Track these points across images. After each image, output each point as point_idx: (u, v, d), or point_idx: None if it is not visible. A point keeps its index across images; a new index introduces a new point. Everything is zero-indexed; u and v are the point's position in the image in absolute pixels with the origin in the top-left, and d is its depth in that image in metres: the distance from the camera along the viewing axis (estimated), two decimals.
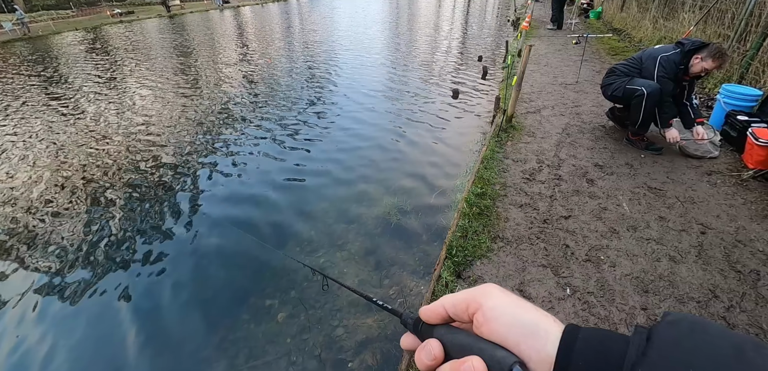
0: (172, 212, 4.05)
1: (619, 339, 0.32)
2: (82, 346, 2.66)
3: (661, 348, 0.29)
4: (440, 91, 7.59)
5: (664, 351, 0.29)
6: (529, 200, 3.17)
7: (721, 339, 0.29)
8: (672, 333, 0.30)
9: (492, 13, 22.12)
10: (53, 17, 24.11)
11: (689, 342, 0.29)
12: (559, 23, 11.41)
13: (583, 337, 0.33)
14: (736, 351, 0.28)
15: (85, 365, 2.56)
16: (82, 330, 2.77)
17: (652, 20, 8.81)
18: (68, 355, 2.61)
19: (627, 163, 3.63)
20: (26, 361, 2.59)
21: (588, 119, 4.74)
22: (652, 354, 0.29)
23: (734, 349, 0.28)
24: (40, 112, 7.52)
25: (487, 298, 0.38)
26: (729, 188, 3.18)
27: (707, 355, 0.28)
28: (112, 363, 2.55)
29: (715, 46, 3.29)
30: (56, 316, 2.90)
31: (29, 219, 4.01)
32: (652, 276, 2.34)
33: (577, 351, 0.32)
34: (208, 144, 5.63)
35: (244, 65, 10.76)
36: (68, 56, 13.32)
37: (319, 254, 3.33)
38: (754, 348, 0.28)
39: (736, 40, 5.35)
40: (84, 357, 2.59)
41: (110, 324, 2.81)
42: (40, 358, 2.59)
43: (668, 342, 0.29)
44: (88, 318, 2.87)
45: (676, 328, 0.31)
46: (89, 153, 5.49)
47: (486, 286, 0.40)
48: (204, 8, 29.53)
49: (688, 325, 0.31)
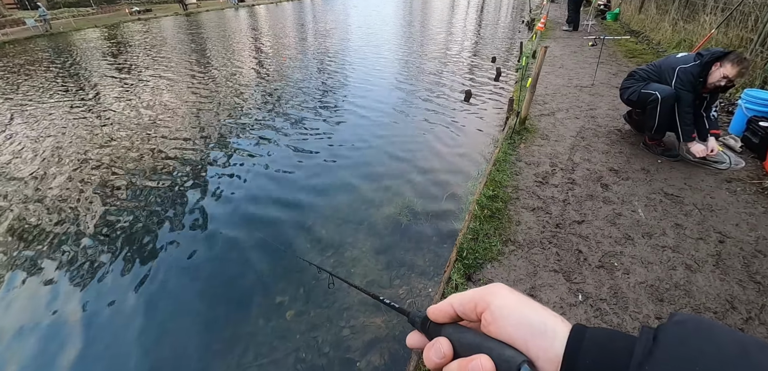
0: (184, 208, 4.12)
1: (626, 338, 0.33)
2: (91, 340, 2.72)
3: (668, 347, 0.30)
4: (453, 93, 7.55)
5: (671, 351, 0.29)
6: (541, 203, 3.13)
7: (727, 339, 0.29)
8: (678, 332, 0.31)
9: (506, 14, 21.92)
10: (74, 14, 24.74)
11: (695, 341, 0.29)
12: (575, 24, 11.24)
13: (590, 337, 0.34)
14: (742, 350, 0.28)
15: (94, 359, 2.61)
16: (91, 324, 2.84)
17: (671, 22, 8.62)
18: (77, 348, 2.66)
19: (643, 168, 3.56)
20: (36, 351, 2.66)
21: (603, 122, 4.66)
22: (659, 353, 0.29)
23: (740, 349, 0.28)
24: (60, 106, 7.72)
25: (495, 297, 0.39)
26: (749, 196, 3.09)
27: (713, 355, 0.28)
28: (122, 356, 2.60)
29: (737, 53, 3.17)
30: (63, 306, 2.97)
31: (43, 213, 4.12)
32: (668, 285, 2.29)
33: (585, 351, 0.33)
34: (221, 142, 5.70)
35: (259, 64, 10.88)
36: (89, 52, 13.65)
37: (329, 254, 3.35)
38: (759, 349, 0.28)
39: (759, 44, 5.20)
40: (93, 351, 2.65)
41: (120, 316, 2.87)
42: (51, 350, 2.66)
43: (675, 342, 0.30)
44: (98, 310, 2.93)
45: (682, 328, 0.31)
46: (105, 148, 5.61)
47: (494, 285, 0.40)
48: (219, 7, 29.94)
49: (694, 325, 0.31)
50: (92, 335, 2.74)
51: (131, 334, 2.72)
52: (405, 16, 22.75)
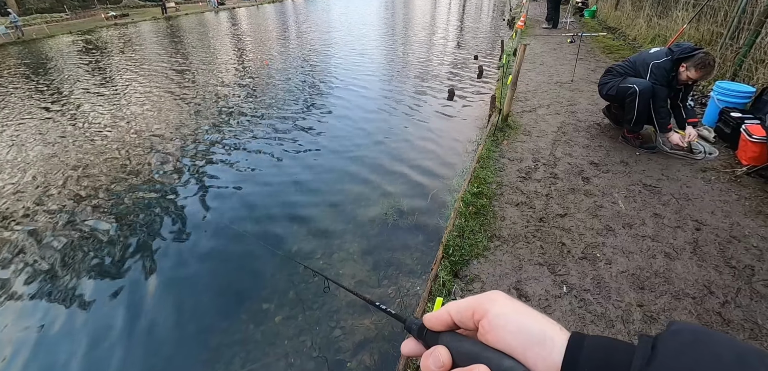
0: (167, 214, 4.04)
1: (624, 347, 0.33)
2: (75, 351, 2.64)
3: (666, 357, 0.29)
4: (436, 91, 7.60)
5: (669, 361, 0.29)
6: (525, 198, 3.18)
7: (725, 348, 0.29)
8: (676, 342, 0.30)
9: (487, 12, 22.18)
10: (47, 20, 23.93)
11: (693, 351, 0.29)
12: (555, 22, 11.44)
13: (588, 345, 0.34)
14: (740, 360, 0.28)
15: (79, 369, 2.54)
16: (75, 335, 2.75)
17: (646, 18, 8.85)
18: (59, 360, 2.59)
19: (622, 161, 3.65)
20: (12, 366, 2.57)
21: (583, 117, 4.76)
22: (657, 363, 0.29)
23: (738, 359, 0.28)
24: (33, 116, 7.47)
25: (493, 305, 0.38)
26: (723, 185, 3.21)
27: (711, 365, 0.28)
28: (106, 367, 2.53)
29: (700, 56, 3.27)
30: (48, 321, 2.88)
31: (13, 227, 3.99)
32: (648, 273, 2.36)
33: (583, 360, 0.33)
34: (203, 147, 5.61)
35: (241, 67, 10.74)
36: (62, 59, 13.23)
37: (318, 256, 3.33)
38: (758, 358, 0.28)
39: (729, 38, 5.39)
40: (76, 362, 2.58)
41: (105, 328, 2.80)
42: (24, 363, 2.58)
43: (672, 352, 0.30)
44: (82, 322, 2.85)
45: (680, 337, 0.31)
46: (82, 158, 5.45)
47: (492, 293, 0.40)
48: (199, 10, 29.43)
49: (692, 335, 0.31)
50: (71, 348, 2.66)
51: (113, 344, 2.65)
52: (387, 16, 22.78)
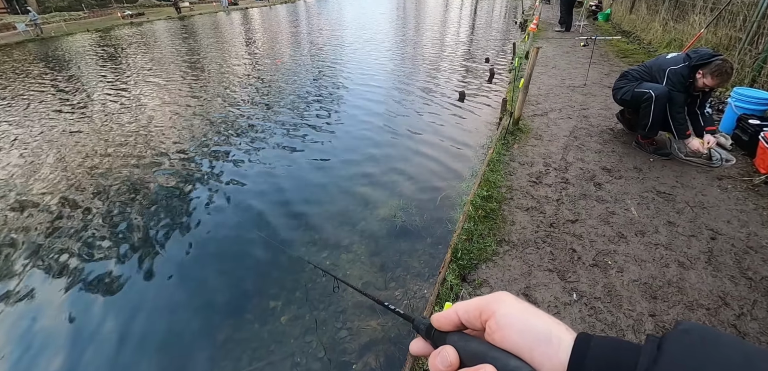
0: (177, 212, 4.09)
1: (631, 347, 0.33)
2: (82, 347, 2.69)
3: (673, 357, 0.30)
4: (447, 94, 7.57)
5: (676, 361, 0.29)
6: (535, 203, 3.14)
7: (732, 349, 0.29)
8: (683, 342, 0.30)
9: (499, 15, 22.04)
10: (65, 18, 24.48)
11: (700, 351, 0.29)
12: (568, 25, 11.33)
13: (594, 345, 0.34)
14: (747, 361, 0.28)
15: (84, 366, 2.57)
16: (81, 331, 2.80)
17: (661, 22, 8.71)
18: (64, 355, 2.63)
19: (635, 167, 3.59)
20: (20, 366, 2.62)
21: (596, 122, 4.69)
22: (663, 363, 0.29)
23: (745, 359, 0.28)
24: (51, 111, 7.63)
25: (500, 305, 0.39)
26: (740, 193, 3.13)
27: (718, 365, 0.28)
28: (114, 364, 2.57)
29: (717, 63, 3.18)
30: (48, 321, 2.92)
31: (31, 221, 4.07)
32: (661, 282, 2.31)
33: (589, 359, 0.33)
34: (215, 146, 5.67)
35: (253, 66, 10.84)
36: (80, 57, 13.51)
37: (325, 255, 3.33)
38: (765, 359, 0.28)
39: (748, 43, 5.27)
40: (83, 358, 2.62)
41: (112, 323, 2.84)
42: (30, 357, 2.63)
43: (679, 352, 0.30)
44: (89, 318, 2.90)
45: (687, 337, 0.31)
46: (98, 153, 5.56)
47: (499, 294, 0.40)
48: (213, 10, 29.82)
49: (699, 334, 0.31)
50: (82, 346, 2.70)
51: (120, 339, 2.69)
52: (398, 17, 22.79)
